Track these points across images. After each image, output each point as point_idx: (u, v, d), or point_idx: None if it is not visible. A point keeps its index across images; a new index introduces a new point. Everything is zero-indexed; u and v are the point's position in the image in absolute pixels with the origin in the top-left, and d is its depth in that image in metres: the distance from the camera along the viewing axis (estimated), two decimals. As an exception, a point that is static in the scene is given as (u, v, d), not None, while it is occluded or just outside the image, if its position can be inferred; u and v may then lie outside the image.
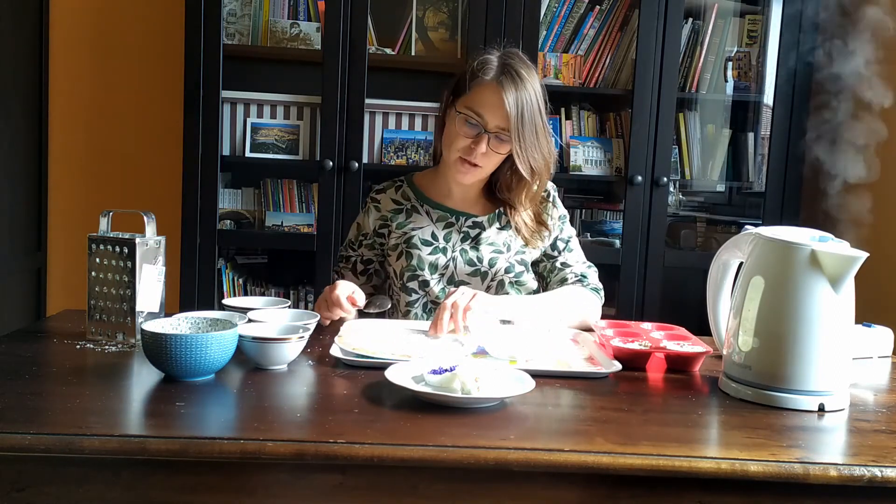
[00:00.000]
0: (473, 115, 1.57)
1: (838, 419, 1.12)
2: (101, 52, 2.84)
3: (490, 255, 1.68)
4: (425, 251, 1.68)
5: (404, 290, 1.68)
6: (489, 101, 1.56)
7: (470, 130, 1.58)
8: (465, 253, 1.68)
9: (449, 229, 1.71)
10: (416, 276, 1.67)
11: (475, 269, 1.67)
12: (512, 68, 1.58)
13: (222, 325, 1.23)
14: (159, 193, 2.78)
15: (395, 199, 1.74)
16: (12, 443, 0.90)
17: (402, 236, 1.70)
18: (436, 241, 1.69)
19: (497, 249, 1.69)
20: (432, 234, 1.70)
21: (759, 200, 2.66)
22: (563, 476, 0.94)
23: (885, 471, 0.92)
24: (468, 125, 1.58)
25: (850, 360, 1.18)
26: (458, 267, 1.67)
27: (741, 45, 2.66)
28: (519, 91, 1.56)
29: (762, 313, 1.16)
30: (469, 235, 1.70)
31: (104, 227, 1.39)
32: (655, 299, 2.58)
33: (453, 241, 1.70)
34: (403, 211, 1.73)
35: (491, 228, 1.71)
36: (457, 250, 1.68)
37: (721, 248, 1.34)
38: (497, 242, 1.70)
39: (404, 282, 1.68)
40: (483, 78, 1.58)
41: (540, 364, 1.28)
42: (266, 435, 0.93)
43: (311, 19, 2.59)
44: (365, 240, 1.75)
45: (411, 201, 1.74)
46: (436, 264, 1.67)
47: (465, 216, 1.71)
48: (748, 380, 1.17)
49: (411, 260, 1.67)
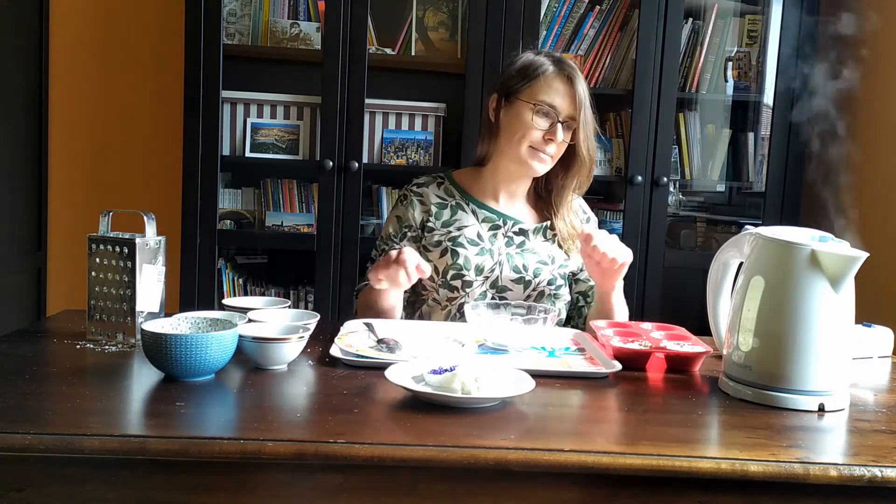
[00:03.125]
0: (546, 105, 1.62)
1: (838, 419, 1.12)
2: (102, 52, 2.84)
3: (535, 265, 1.69)
4: (471, 251, 1.67)
5: (445, 287, 1.66)
6: (561, 90, 1.63)
7: (544, 121, 1.62)
8: (511, 258, 1.68)
9: (494, 232, 1.70)
10: (461, 275, 1.65)
11: (520, 277, 1.67)
12: (566, 62, 1.67)
13: (222, 325, 1.23)
14: (159, 193, 2.78)
15: (438, 195, 1.73)
16: (12, 443, 0.90)
17: (447, 233, 1.69)
18: (481, 241, 1.68)
19: (542, 260, 1.70)
20: (478, 235, 1.69)
21: (759, 200, 2.66)
22: (564, 476, 0.94)
23: (885, 471, 0.92)
24: (541, 116, 1.62)
25: (849, 360, 1.18)
26: (504, 272, 1.67)
27: (741, 45, 2.66)
28: (583, 82, 1.65)
29: (762, 313, 1.16)
30: (513, 241, 1.70)
31: (104, 227, 1.39)
32: (655, 299, 2.58)
33: (498, 244, 1.69)
34: (448, 207, 1.72)
35: (536, 238, 1.72)
36: (503, 254, 1.68)
37: (721, 249, 1.34)
38: (541, 253, 1.70)
39: (447, 279, 1.65)
40: (548, 69, 1.65)
41: (540, 364, 1.28)
42: (266, 435, 0.93)
43: (311, 19, 2.59)
44: (409, 231, 1.72)
45: (455, 198, 1.73)
46: (482, 266, 1.66)
47: (512, 221, 1.71)
48: (748, 380, 1.17)
49: (457, 258, 1.65)
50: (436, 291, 1.68)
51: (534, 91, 1.64)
